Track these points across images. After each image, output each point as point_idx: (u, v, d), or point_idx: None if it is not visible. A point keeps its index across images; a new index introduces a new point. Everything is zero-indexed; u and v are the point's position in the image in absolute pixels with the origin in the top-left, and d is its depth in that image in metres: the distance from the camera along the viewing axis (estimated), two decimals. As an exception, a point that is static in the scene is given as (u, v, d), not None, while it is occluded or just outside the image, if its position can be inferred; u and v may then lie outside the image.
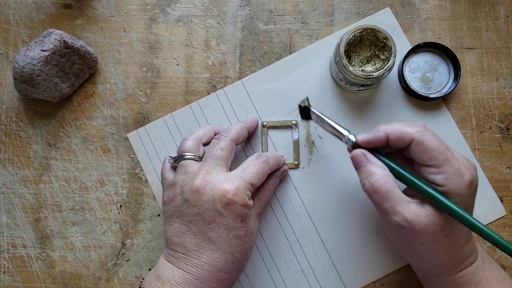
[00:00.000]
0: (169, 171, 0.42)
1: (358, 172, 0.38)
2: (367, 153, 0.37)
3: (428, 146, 0.35)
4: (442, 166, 0.35)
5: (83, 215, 0.47)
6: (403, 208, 0.34)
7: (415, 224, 0.34)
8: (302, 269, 0.45)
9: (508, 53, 0.47)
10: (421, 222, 0.34)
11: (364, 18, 0.48)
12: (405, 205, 0.35)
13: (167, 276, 0.37)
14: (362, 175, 0.37)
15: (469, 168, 0.35)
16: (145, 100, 0.48)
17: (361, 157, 0.37)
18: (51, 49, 0.43)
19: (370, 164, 0.36)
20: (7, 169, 0.47)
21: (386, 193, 0.35)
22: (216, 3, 0.49)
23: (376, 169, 0.36)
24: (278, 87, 0.48)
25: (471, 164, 0.36)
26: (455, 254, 0.36)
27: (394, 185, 0.35)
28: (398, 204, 0.35)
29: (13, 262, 0.46)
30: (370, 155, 0.37)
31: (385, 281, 0.45)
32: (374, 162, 0.37)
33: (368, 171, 0.36)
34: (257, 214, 0.41)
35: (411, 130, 0.36)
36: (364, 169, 0.37)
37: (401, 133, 0.36)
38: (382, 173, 0.36)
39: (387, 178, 0.35)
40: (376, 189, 0.35)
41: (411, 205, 0.35)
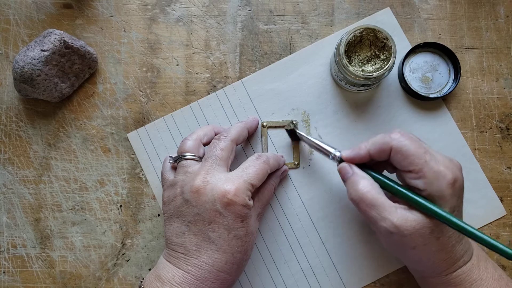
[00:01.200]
0: (169, 171, 0.42)
1: (345, 185, 0.39)
2: (352, 165, 0.39)
3: (405, 152, 0.35)
4: (421, 170, 0.35)
5: (83, 215, 0.47)
6: (390, 214, 0.35)
7: (403, 229, 0.34)
8: (302, 269, 0.45)
9: (508, 53, 0.47)
10: (409, 227, 0.34)
11: (364, 18, 0.48)
12: (392, 211, 0.35)
13: (167, 276, 0.37)
14: (348, 186, 0.38)
15: (451, 168, 0.35)
16: (145, 100, 0.48)
17: (347, 168, 0.38)
18: (51, 49, 0.43)
19: (356, 175, 0.38)
20: (7, 169, 0.47)
21: (371, 200, 0.36)
22: (216, 3, 0.49)
23: (361, 179, 0.37)
24: (278, 87, 0.48)
25: (454, 163, 0.36)
26: (447, 254, 0.36)
27: (379, 192, 0.36)
28: (385, 210, 0.35)
29: (13, 262, 0.46)
30: (355, 167, 0.38)
31: (385, 281, 0.45)
32: (359, 173, 0.38)
33: (354, 181, 0.37)
34: (257, 214, 0.41)
35: (388, 140, 0.36)
36: (350, 180, 0.38)
37: (380, 145, 0.37)
38: (367, 181, 0.37)
39: (372, 187, 0.36)
40: (361, 197, 0.36)
41: (398, 210, 0.35)
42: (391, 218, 0.35)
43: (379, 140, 0.37)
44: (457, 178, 0.35)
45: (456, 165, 0.36)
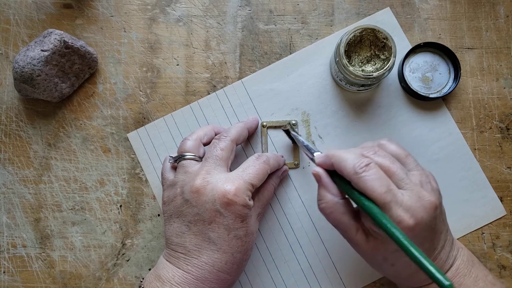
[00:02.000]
0: (169, 171, 0.42)
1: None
2: (322, 174, 0.37)
3: (364, 189, 0.33)
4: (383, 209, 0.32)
5: (83, 215, 0.47)
6: (349, 235, 0.36)
7: (359, 250, 0.36)
8: (302, 269, 0.45)
9: (508, 53, 0.47)
10: (364, 249, 0.35)
11: (364, 18, 0.48)
12: (352, 232, 0.36)
13: (167, 276, 0.37)
14: (317, 196, 0.37)
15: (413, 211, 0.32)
16: (145, 100, 0.48)
17: (316, 178, 0.37)
18: (51, 49, 0.43)
19: (322, 189, 0.37)
20: (7, 169, 0.47)
21: (333, 220, 0.36)
22: (216, 3, 0.49)
23: (326, 195, 0.36)
24: (278, 87, 0.48)
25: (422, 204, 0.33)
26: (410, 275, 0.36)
27: (342, 212, 0.36)
28: (345, 231, 0.36)
29: (13, 262, 0.46)
30: (324, 177, 0.37)
31: (385, 281, 0.45)
32: (327, 187, 0.36)
33: (320, 195, 0.37)
34: (257, 214, 0.41)
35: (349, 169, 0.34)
36: (318, 191, 0.37)
37: (340, 167, 0.35)
38: (331, 201, 0.36)
39: (335, 208, 0.36)
40: (324, 214, 0.37)
41: (358, 233, 0.35)
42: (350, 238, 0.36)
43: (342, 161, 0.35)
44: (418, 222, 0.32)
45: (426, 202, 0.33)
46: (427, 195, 0.33)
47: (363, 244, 0.35)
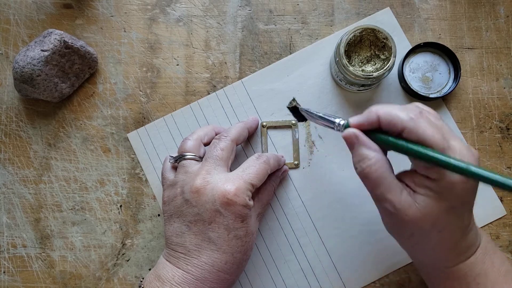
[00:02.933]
0: (170, 171, 0.42)
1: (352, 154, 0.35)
2: (359, 133, 0.34)
3: (421, 136, 0.31)
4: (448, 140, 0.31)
5: (83, 215, 0.47)
6: (393, 196, 0.32)
7: (403, 213, 0.32)
8: (302, 269, 0.45)
9: (508, 53, 0.47)
10: (410, 213, 0.32)
11: (364, 18, 0.48)
12: (397, 193, 0.32)
13: (166, 276, 0.37)
14: (355, 159, 0.34)
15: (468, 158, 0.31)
16: (145, 100, 0.48)
17: (352, 138, 0.34)
18: (51, 49, 0.43)
19: (362, 147, 0.33)
20: (7, 169, 0.47)
21: (377, 179, 0.33)
22: (216, 3, 0.49)
23: (368, 153, 0.33)
24: (278, 87, 0.48)
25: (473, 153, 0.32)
26: (449, 249, 0.34)
27: (387, 169, 0.33)
28: (389, 191, 0.32)
29: (13, 262, 0.46)
30: (362, 135, 0.34)
31: (385, 281, 0.45)
32: (367, 144, 0.34)
33: (360, 155, 0.33)
34: (257, 215, 0.41)
35: (403, 117, 0.32)
36: (356, 153, 0.34)
37: (392, 118, 0.33)
38: (375, 157, 0.33)
39: (380, 164, 0.33)
40: (367, 175, 0.33)
41: (403, 193, 0.33)
42: (393, 200, 0.32)
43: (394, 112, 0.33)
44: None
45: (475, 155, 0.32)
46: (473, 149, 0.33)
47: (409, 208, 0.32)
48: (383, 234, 0.45)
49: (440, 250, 0.34)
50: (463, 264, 0.35)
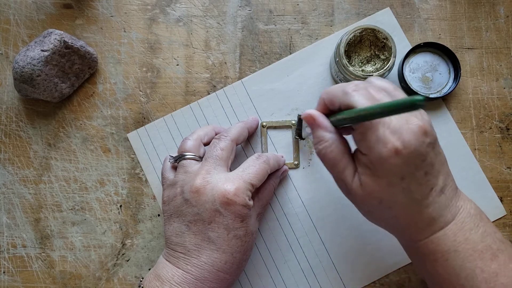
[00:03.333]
0: (170, 171, 0.42)
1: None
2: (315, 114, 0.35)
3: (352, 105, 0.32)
4: (366, 132, 0.32)
5: (83, 215, 0.47)
6: (346, 176, 0.34)
7: (354, 193, 0.34)
8: (302, 269, 0.45)
9: (508, 53, 0.47)
10: (359, 193, 0.33)
11: (364, 18, 0.48)
12: (349, 173, 0.34)
13: (166, 275, 0.37)
14: (314, 140, 0.36)
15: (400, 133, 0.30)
16: (145, 100, 0.48)
17: (309, 119, 0.36)
18: (51, 49, 0.43)
19: (319, 129, 0.35)
20: (7, 169, 0.47)
21: (332, 160, 0.34)
22: (216, 3, 0.49)
23: (324, 134, 0.35)
24: (278, 87, 0.48)
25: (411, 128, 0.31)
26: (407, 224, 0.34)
27: (341, 151, 0.34)
28: (343, 172, 0.34)
29: (13, 262, 0.46)
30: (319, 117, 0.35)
31: (385, 281, 0.45)
32: (323, 126, 0.35)
33: (318, 137, 0.35)
34: (257, 214, 0.41)
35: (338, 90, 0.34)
36: (314, 134, 0.36)
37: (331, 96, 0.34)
38: (331, 139, 0.34)
39: (335, 145, 0.34)
40: (323, 156, 0.35)
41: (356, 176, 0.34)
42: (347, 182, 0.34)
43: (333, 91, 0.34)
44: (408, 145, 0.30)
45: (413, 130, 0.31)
46: (415, 120, 0.31)
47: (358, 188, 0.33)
48: (383, 234, 0.45)
49: (397, 225, 0.35)
50: (429, 239, 0.33)
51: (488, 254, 0.33)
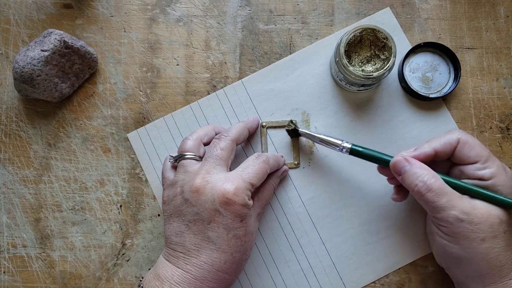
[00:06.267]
0: (170, 171, 0.42)
1: (402, 179, 0.38)
2: (408, 157, 0.38)
3: (472, 144, 0.37)
4: (487, 161, 0.37)
5: (83, 215, 0.47)
6: (459, 202, 0.36)
7: (473, 216, 0.35)
8: (302, 269, 0.45)
9: (508, 53, 0.47)
10: (479, 214, 0.35)
11: (364, 18, 0.48)
12: (460, 199, 0.36)
13: (166, 275, 0.37)
14: (411, 179, 0.37)
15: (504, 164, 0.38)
16: (145, 100, 0.48)
17: (404, 162, 0.38)
18: (51, 49, 0.43)
19: (416, 167, 0.37)
20: (7, 169, 0.47)
21: (440, 189, 0.36)
22: (216, 3, 0.49)
23: (423, 170, 0.37)
24: (278, 87, 0.48)
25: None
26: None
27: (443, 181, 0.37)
28: (453, 198, 0.36)
29: (13, 262, 0.46)
30: (411, 158, 0.38)
31: (385, 281, 0.45)
32: (418, 164, 0.37)
33: (416, 172, 0.37)
34: (257, 214, 0.41)
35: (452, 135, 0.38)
36: (410, 172, 0.37)
37: (445, 140, 0.38)
38: (431, 172, 0.37)
39: (437, 176, 0.37)
40: (430, 186, 0.36)
41: (465, 199, 0.36)
42: (460, 205, 0.35)
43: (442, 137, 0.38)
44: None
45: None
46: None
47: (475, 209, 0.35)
48: (383, 234, 0.45)
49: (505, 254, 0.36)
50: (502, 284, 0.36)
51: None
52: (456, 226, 0.35)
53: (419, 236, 0.45)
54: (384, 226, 0.45)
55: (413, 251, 0.45)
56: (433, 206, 0.36)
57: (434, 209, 0.36)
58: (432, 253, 0.42)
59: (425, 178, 0.36)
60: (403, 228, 0.45)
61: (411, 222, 0.45)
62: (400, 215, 0.45)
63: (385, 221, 0.45)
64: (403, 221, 0.45)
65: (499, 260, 0.35)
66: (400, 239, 0.45)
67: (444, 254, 0.39)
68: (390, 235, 0.45)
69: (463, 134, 0.38)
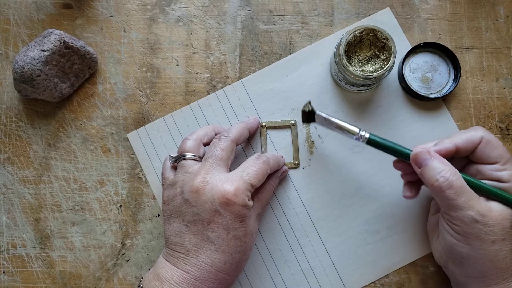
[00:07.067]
0: (169, 171, 0.42)
1: (421, 172, 0.37)
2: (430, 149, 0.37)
3: (495, 144, 0.37)
4: (507, 163, 0.37)
5: (83, 215, 0.47)
6: (476, 203, 0.35)
7: (488, 218, 0.35)
8: (302, 269, 0.45)
9: (508, 53, 0.47)
10: (493, 216, 0.35)
11: (364, 18, 0.48)
12: (478, 200, 0.35)
13: (166, 275, 0.37)
14: (432, 173, 0.36)
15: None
16: (145, 100, 0.48)
17: (426, 154, 0.37)
18: (51, 49, 0.43)
19: (438, 161, 0.36)
20: (7, 169, 0.47)
21: (461, 187, 0.35)
22: (216, 3, 0.49)
23: (445, 166, 0.36)
24: (278, 87, 0.48)
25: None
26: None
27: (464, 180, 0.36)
28: (472, 198, 0.35)
29: (13, 262, 0.46)
30: (433, 151, 0.37)
31: (385, 281, 0.45)
32: (441, 159, 0.36)
33: (438, 167, 0.36)
34: (257, 215, 0.41)
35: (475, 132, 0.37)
36: (432, 166, 0.36)
37: (467, 137, 0.37)
38: (452, 169, 0.36)
39: (458, 174, 0.36)
40: (451, 183, 0.35)
41: (481, 200, 0.36)
42: (477, 206, 0.35)
43: (465, 133, 0.38)
44: None
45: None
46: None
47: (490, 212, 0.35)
48: (383, 234, 0.45)
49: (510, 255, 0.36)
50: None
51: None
52: (470, 226, 0.35)
53: (419, 236, 0.45)
54: (384, 226, 0.45)
55: (413, 251, 0.45)
56: (451, 204, 0.35)
57: (450, 207, 0.36)
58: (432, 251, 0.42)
59: (447, 174, 0.35)
60: (403, 228, 0.45)
61: (411, 222, 0.45)
62: (400, 215, 0.45)
63: (385, 221, 0.45)
64: (403, 221, 0.45)
65: (505, 262, 0.35)
66: (400, 239, 0.45)
67: (449, 253, 0.38)
68: (390, 235, 0.45)
69: (486, 133, 0.37)
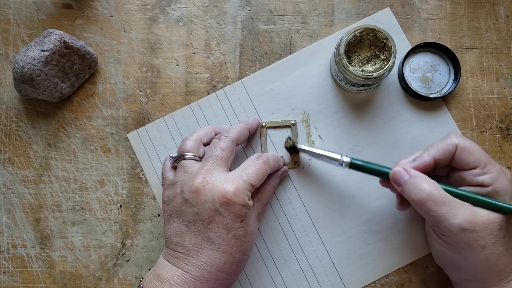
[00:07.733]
0: (170, 171, 0.42)
1: (401, 189, 0.37)
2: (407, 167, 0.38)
3: (471, 148, 0.37)
4: (487, 166, 0.36)
5: (83, 215, 0.47)
6: (459, 210, 0.35)
7: (475, 223, 0.34)
8: (302, 269, 0.45)
9: (508, 53, 0.47)
10: (480, 221, 0.34)
11: (364, 18, 0.48)
12: (461, 207, 0.35)
13: (166, 275, 0.37)
14: (409, 188, 0.36)
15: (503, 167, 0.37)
16: (145, 100, 0.48)
17: (402, 172, 0.37)
18: (51, 49, 0.43)
19: (415, 177, 0.37)
20: (7, 169, 0.47)
21: (440, 197, 0.35)
22: (216, 3, 0.49)
23: (422, 179, 0.36)
24: (278, 87, 0.48)
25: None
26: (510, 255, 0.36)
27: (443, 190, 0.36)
28: (454, 206, 0.35)
29: (13, 262, 0.46)
30: (410, 168, 0.37)
31: (385, 281, 0.45)
32: (418, 174, 0.37)
33: (415, 182, 0.36)
34: (257, 215, 0.41)
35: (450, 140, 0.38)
36: (409, 183, 0.37)
37: (443, 147, 0.37)
38: (430, 181, 0.36)
39: (437, 185, 0.36)
40: (430, 194, 0.35)
41: (466, 207, 0.35)
42: (462, 214, 0.35)
43: (440, 144, 0.38)
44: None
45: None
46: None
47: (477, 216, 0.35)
48: (383, 234, 0.45)
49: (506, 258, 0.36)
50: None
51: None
52: (458, 235, 0.35)
53: (419, 236, 0.45)
54: (384, 226, 0.45)
55: (413, 251, 0.45)
56: (434, 216, 0.35)
57: (435, 219, 0.36)
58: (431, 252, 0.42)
59: (425, 187, 0.36)
60: (403, 228, 0.45)
61: (411, 222, 0.45)
62: (400, 215, 0.45)
63: (385, 221, 0.45)
64: (403, 221, 0.45)
65: (497, 265, 0.35)
66: (400, 239, 0.45)
67: (443, 260, 0.39)
68: (390, 235, 0.45)
69: (461, 138, 0.38)
